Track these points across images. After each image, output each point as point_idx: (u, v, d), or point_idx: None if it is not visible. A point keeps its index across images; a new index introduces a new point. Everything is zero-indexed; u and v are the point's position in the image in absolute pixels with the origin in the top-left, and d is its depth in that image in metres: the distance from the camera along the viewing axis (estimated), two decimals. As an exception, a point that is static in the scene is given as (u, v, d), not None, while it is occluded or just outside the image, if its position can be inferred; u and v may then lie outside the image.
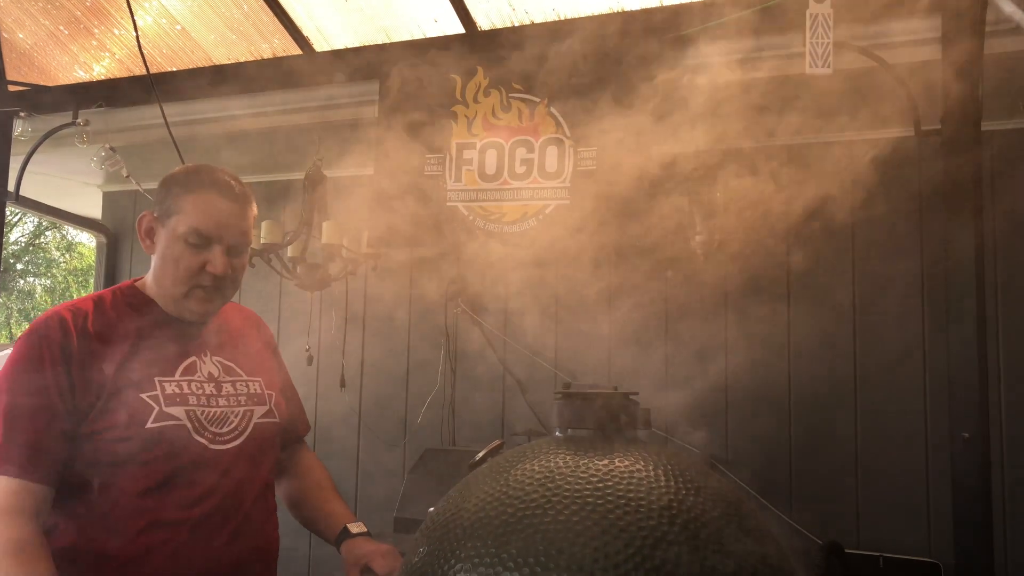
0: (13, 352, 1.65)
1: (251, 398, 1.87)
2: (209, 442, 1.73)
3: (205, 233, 1.74)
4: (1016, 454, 3.30)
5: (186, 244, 1.74)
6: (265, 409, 1.89)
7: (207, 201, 1.75)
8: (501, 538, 1.07)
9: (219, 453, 1.74)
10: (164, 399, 1.69)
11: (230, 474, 1.75)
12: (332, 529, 1.94)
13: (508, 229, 3.26)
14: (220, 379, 1.82)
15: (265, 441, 1.88)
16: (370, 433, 4.28)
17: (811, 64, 2.66)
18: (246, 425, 1.82)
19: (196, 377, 1.78)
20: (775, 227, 3.64)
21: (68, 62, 3.96)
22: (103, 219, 5.10)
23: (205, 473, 1.71)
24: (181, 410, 1.71)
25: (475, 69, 3.32)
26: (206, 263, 1.75)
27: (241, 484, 1.78)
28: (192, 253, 1.74)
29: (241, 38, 3.70)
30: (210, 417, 1.75)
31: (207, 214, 1.74)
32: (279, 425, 1.94)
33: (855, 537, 3.46)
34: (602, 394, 1.25)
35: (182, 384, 1.74)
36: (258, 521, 1.83)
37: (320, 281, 3.87)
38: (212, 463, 1.73)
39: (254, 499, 1.82)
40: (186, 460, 1.69)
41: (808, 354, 3.61)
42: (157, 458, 1.65)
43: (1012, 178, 3.40)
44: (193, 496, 1.69)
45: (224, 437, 1.77)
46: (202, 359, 1.82)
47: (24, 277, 20.72)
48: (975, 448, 2.43)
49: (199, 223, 1.73)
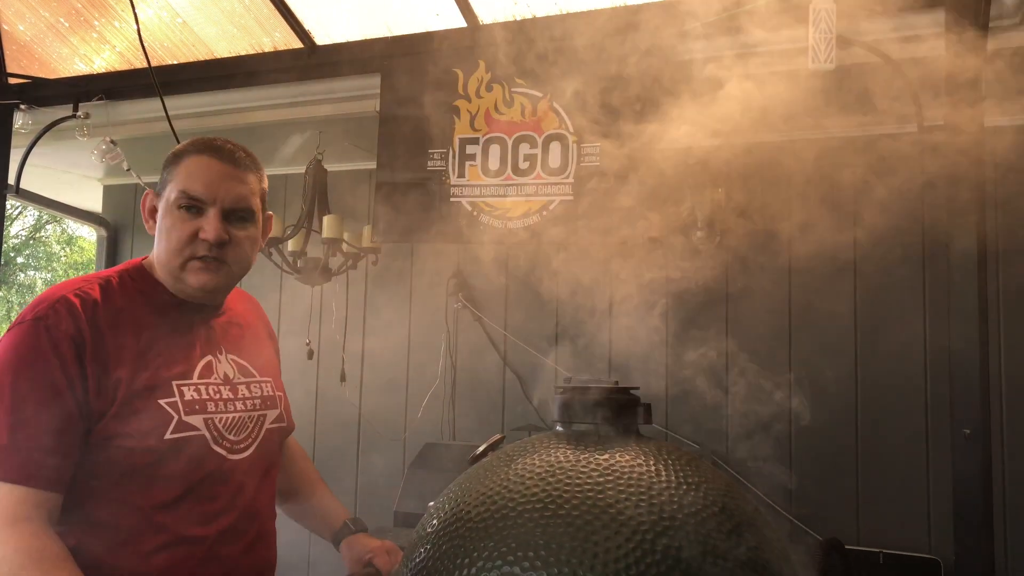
0: (13, 340, 1.47)
1: (264, 401, 1.76)
2: (227, 452, 1.62)
3: (193, 195, 1.59)
4: (1017, 451, 3.30)
5: (178, 210, 1.59)
6: (276, 413, 1.79)
7: (197, 162, 1.62)
8: (502, 533, 1.07)
9: (235, 464, 1.63)
10: (183, 406, 1.56)
11: (245, 486, 1.65)
12: (329, 525, 1.88)
13: (511, 225, 3.25)
14: (235, 381, 1.71)
15: (274, 448, 1.78)
16: (370, 427, 4.28)
17: (813, 59, 2.66)
18: (258, 432, 1.71)
19: (213, 380, 1.65)
20: (776, 223, 3.64)
21: (68, 55, 3.95)
22: (103, 212, 5.10)
23: (222, 486, 1.60)
24: (200, 419, 1.58)
25: (477, 63, 3.31)
26: (199, 230, 1.59)
27: (256, 496, 1.68)
28: (183, 219, 1.59)
29: (242, 31, 3.69)
30: (227, 424, 1.63)
31: (195, 176, 1.60)
32: (287, 430, 1.85)
33: (855, 533, 3.46)
34: (603, 388, 1.25)
35: (200, 388, 1.61)
36: (268, 533, 1.75)
37: (321, 275, 3.87)
38: (229, 475, 1.61)
39: (266, 510, 1.74)
40: (204, 473, 1.57)
41: (809, 350, 3.61)
42: (175, 472, 1.52)
43: (1015, 175, 3.40)
44: (212, 511, 1.58)
45: (239, 445, 1.65)
46: (217, 358, 1.69)
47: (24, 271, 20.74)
48: (976, 444, 2.42)
49: (187, 185, 1.59)
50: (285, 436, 1.85)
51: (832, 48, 2.63)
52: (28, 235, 20.34)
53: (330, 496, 1.97)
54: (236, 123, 3.82)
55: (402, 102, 3.40)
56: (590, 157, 3.14)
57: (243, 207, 1.65)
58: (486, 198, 3.29)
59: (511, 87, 3.27)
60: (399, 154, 3.40)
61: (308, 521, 1.96)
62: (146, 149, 3.91)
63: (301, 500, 1.97)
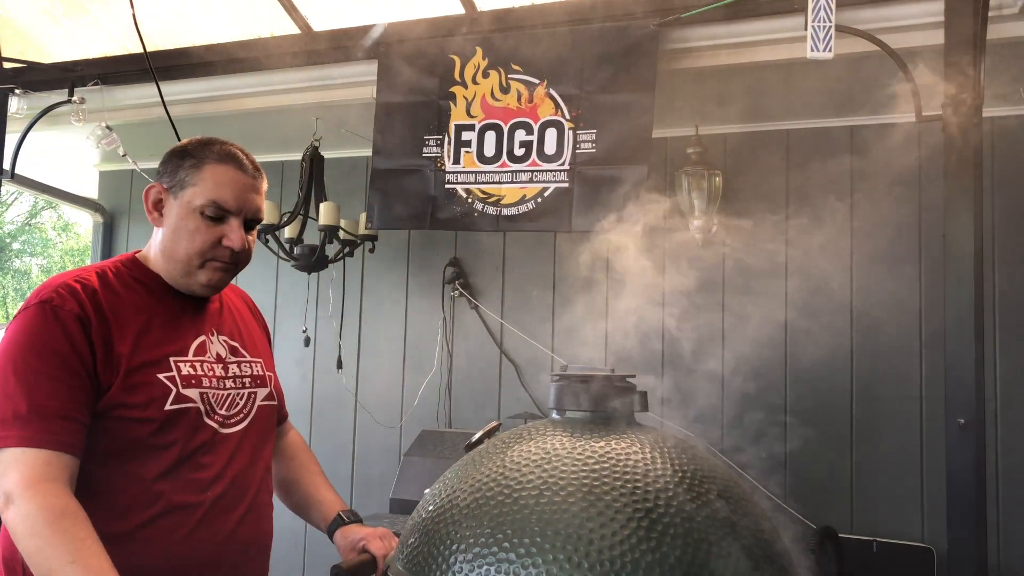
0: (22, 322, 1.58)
1: (255, 380, 1.86)
2: (219, 425, 1.72)
3: (224, 206, 1.70)
4: (1011, 440, 3.32)
5: (203, 217, 1.70)
6: (267, 392, 1.89)
7: (226, 173, 1.71)
8: (497, 519, 1.07)
9: (226, 436, 1.74)
10: (181, 380, 1.67)
11: (236, 458, 1.75)
12: (325, 517, 1.93)
13: (507, 212, 3.24)
14: (227, 360, 1.81)
15: (267, 424, 1.88)
16: (366, 414, 4.28)
17: (812, 48, 2.65)
18: (251, 408, 1.82)
19: (207, 357, 1.76)
20: (773, 213, 3.65)
21: (64, 39, 3.93)
22: (99, 198, 5.08)
23: (214, 457, 1.70)
24: (196, 392, 1.69)
25: (474, 49, 3.30)
26: (222, 237, 1.71)
27: (246, 468, 1.77)
28: (208, 226, 1.70)
29: (239, 17, 3.67)
30: (219, 399, 1.74)
31: (227, 186, 1.71)
32: (277, 408, 1.95)
33: (849, 522, 3.48)
34: (599, 376, 1.25)
35: (195, 365, 1.72)
36: (262, 505, 1.83)
37: (317, 262, 3.86)
38: (220, 447, 1.72)
39: (259, 483, 1.82)
40: (198, 443, 1.68)
41: (805, 339, 3.62)
42: (173, 441, 1.63)
43: (1013, 165, 3.40)
44: (205, 480, 1.68)
45: (231, 420, 1.76)
46: (210, 338, 1.80)
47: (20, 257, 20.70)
48: (970, 434, 2.43)
49: (219, 195, 1.70)
50: (276, 414, 1.95)
51: (831, 37, 2.63)
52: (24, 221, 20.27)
53: (328, 488, 2.01)
54: (233, 109, 3.80)
55: (398, 88, 3.39)
56: (586, 144, 3.13)
57: (258, 218, 1.80)
58: (481, 185, 3.28)
59: (508, 73, 3.26)
60: (395, 141, 3.39)
61: (305, 513, 2.01)
62: (142, 134, 3.90)
63: (300, 491, 2.02)
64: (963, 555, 2.44)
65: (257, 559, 1.83)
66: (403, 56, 3.38)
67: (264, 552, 1.86)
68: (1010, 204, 3.39)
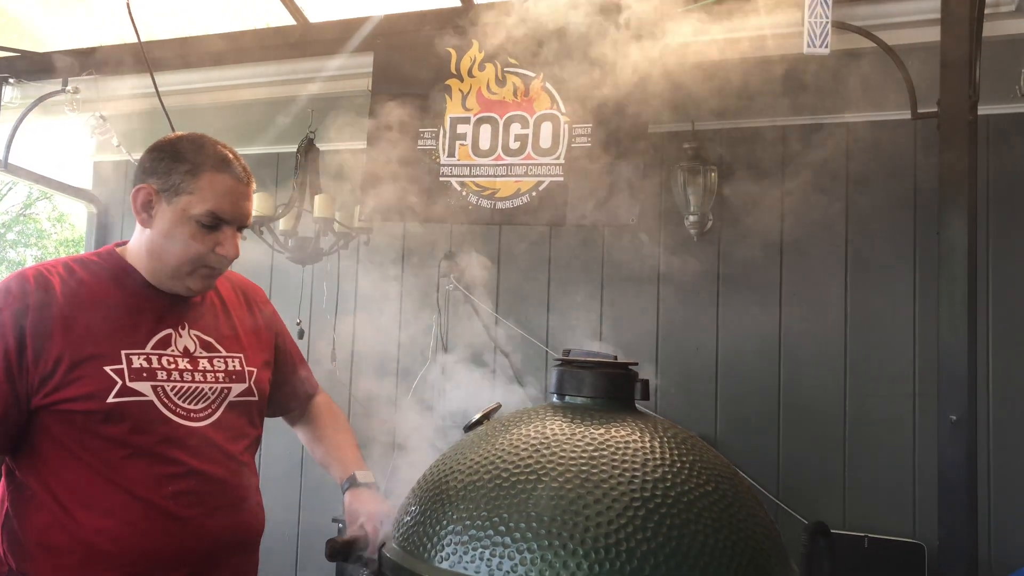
0: None
1: (229, 375, 1.83)
2: (181, 419, 1.70)
3: (222, 216, 1.70)
4: (1002, 437, 3.33)
5: (199, 226, 1.69)
6: (243, 387, 1.85)
7: (223, 183, 1.71)
8: (493, 502, 1.07)
9: (191, 430, 1.71)
10: (129, 373, 1.66)
11: (204, 451, 1.73)
12: (340, 476, 1.95)
13: (501, 205, 3.24)
14: (196, 354, 1.78)
15: (240, 419, 1.84)
16: (360, 406, 4.28)
17: (809, 44, 2.65)
18: (220, 403, 1.79)
19: (169, 351, 1.74)
20: (768, 208, 3.65)
21: (58, 28, 3.90)
22: (94, 189, 5.06)
23: (178, 450, 1.69)
24: (147, 385, 1.67)
25: (470, 42, 3.29)
26: (216, 245, 1.71)
27: (216, 462, 1.75)
28: (204, 234, 1.70)
29: (234, 7, 3.66)
30: (180, 392, 1.72)
31: (225, 197, 1.71)
32: (257, 403, 1.91)
33: (841, 518, 3.48)
34: (602, 362, 1.24)
35: (151, 358, 1.70)
36: (237, 499, 1.80)
37: (312, 255, 3.85)
38: (185, 440, 1.70)
39: (232, 477, 1.79)
40: (157, 437, 1.66)
41: (799, 337, 3.62)
42: (122, 433, 1.63)
43: (1008, 162, 3.40)
44: (167, 473, 1.66)
45: (198, 413, 1.74)
46: (179, 332, 1.78)
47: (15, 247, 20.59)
48: (962, 430, 2.43)
49: (217, 207, 1.69)
50: (257, 409, 1.92)
51: (827, 33, 2.63)
52: (19, 212, 20.17)
53: (348, 447, 2.06)
54: (228, 100, 3.79)
55: (394, 81, 3.38)
56: (581, 138, 3.12)
57: (249, 222, 1.80)
58: (476, 178, 3.27)
59: (504, 67, 3.25)
60: (390, 133, 3.38)
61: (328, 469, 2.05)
62: (136, 125, 3.88)
63: (319, 451, 2.09)
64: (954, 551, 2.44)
65: (238, 553, 1.82)
66: (399, 48, 3.37)
67: (245, 547, 1.84)
68: (1005, 201, 3.40)
